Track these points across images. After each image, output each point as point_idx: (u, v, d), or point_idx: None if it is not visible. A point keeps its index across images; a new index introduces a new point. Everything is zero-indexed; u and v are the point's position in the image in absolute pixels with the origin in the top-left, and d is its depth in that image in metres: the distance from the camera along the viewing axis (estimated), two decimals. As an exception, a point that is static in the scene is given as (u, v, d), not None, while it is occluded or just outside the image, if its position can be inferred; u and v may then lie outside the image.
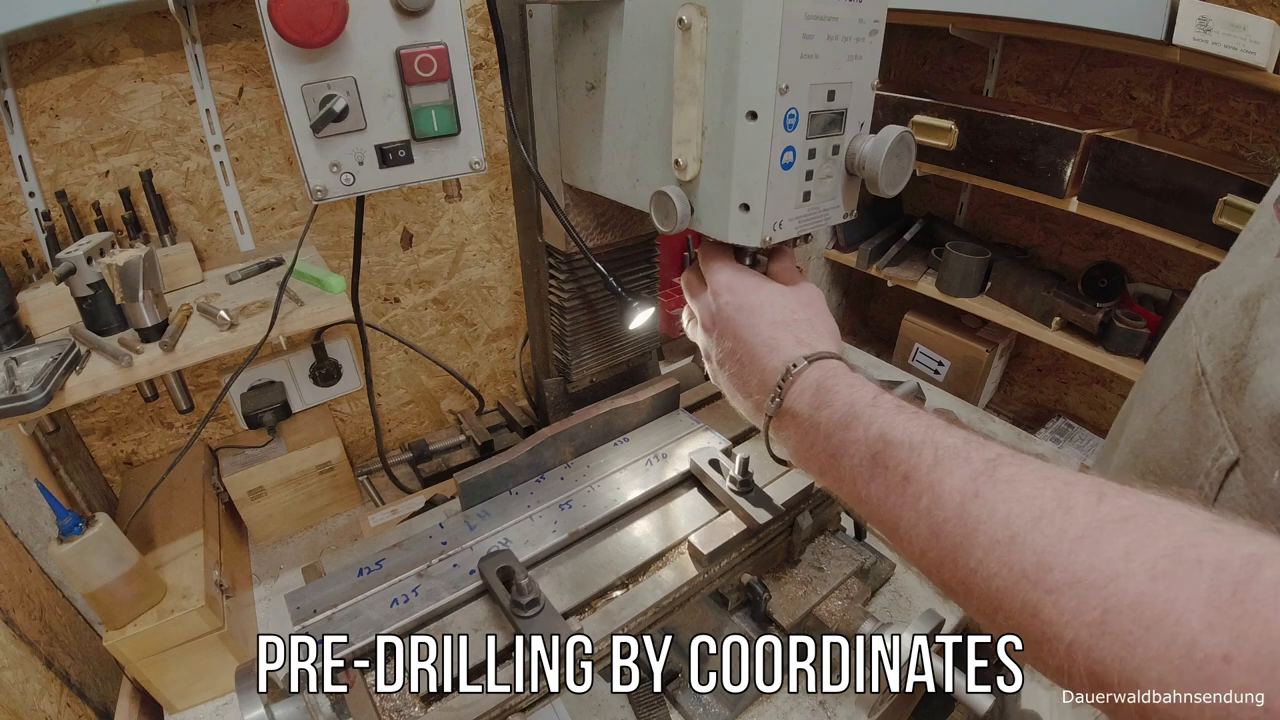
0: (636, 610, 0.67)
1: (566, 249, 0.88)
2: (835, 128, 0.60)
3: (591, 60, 0.69)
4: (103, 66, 0.94)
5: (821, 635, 0.83)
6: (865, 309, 2.26)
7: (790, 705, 0.90)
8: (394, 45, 0.65)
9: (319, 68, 0.63)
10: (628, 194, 0.71)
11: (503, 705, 0.58)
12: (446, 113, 0.69)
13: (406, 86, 0.67)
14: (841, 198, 0.64)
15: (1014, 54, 1.69)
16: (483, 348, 1.47)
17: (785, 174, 0.57)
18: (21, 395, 0.71)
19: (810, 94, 0.56)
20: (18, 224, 0.95)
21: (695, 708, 0.88)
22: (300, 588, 0.68)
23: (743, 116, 0.55)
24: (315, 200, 0.68)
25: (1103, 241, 1.68)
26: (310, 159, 0.66)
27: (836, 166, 0.62)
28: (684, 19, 0.56)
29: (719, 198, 0.59)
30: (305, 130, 0.64)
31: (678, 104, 0.59)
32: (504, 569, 0.66)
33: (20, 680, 0.85)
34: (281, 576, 1.12)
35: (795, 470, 0.84)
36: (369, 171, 0.69)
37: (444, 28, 0.67)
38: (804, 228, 0.61)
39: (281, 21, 0.59)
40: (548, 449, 0.84)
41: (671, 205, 0.61)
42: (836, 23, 0.55)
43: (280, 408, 1.17)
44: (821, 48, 0.55)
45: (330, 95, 0.64)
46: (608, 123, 0.70)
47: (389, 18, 0.64)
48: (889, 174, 0.60)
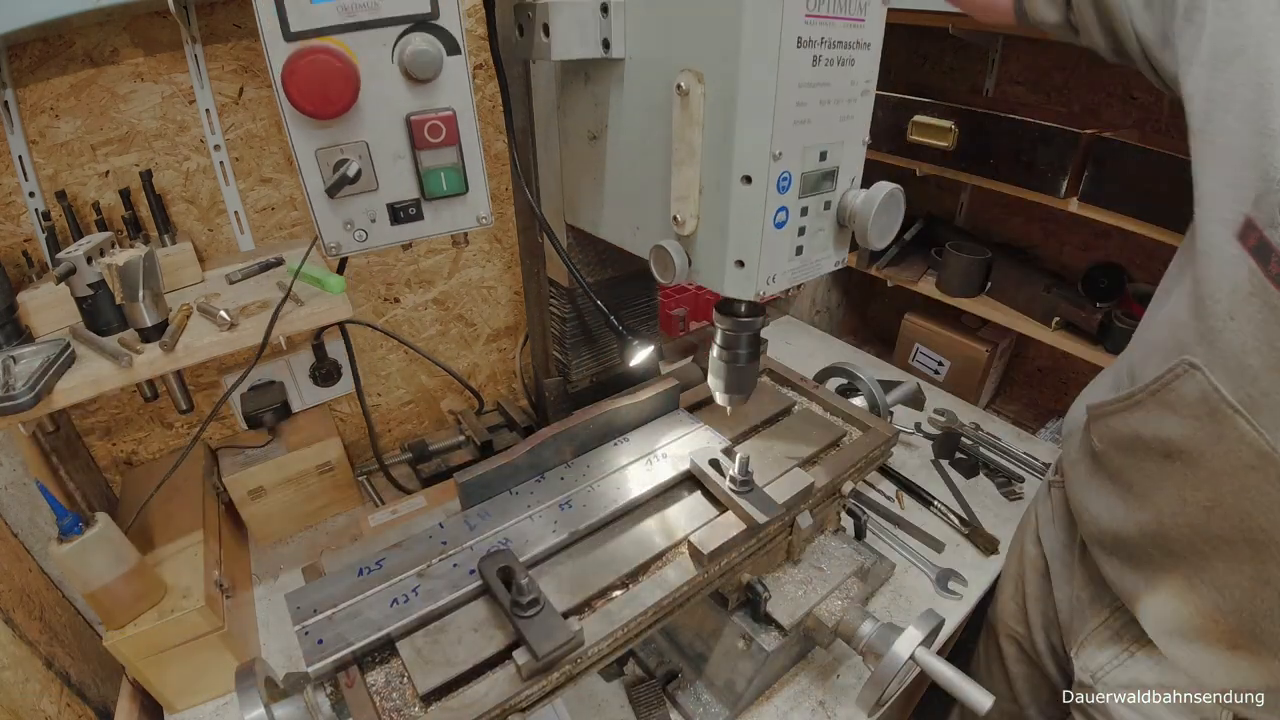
0: (637, 610, 0.67)
1: (569, 285, 0.89)
2: (828, 183, 0.62)
3: (593, 111, 0.71)
4: (103, 66, 0.94)
5: (821, 635, 0.83)
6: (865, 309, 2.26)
7: (790, 705, 0.90)
8: (404, 111, 0.67)
9: (332, 133, 0.65)
10: (628, 241, 0.74)
11: (502, 705, 0.58)
12: (455, 174, 0.72)
13: (417, 151, 0.69)
14: (833, 248, 0.66)
15: (1014, 54, 1.69)
16: (483, 348, 1.47)
17: (779, 232, 0.60)
18: (12, 395, 0.72)
19: (803, 156, 0.59)
20: (18, 224, 0.95)
21: (695, 708, 0.88)
22: (300, 587, 0.68)
23: (738, 180, 0.57)
24: (330, 255, 0.71)
25: (1103, 241, 1.68)
26: (324, 218, 0.69)
27: (828, 220, 0.64)
28: (682, 85, 0.58)
29: (715, 254, 0.62)
30: (320, 192, 0.67)
31: (676, 164, 0.62)
32: (504, 569, 0.66)
33: (20, 680, 0.85)
34: (281, 576, 1.12)
35: (795, 470, 0.84)
36: (381, 228, 0.72)
37: (452, 94, 0.69)
38: (796, 279, 0.64)
39: (297, 95, 0.61)
40: (548, 449, 0.84)
41: (670, 259, 0.64)
42: (828, 88, 0.58)
43: (280, 408, 1.17)
44: (814, 113, 0.58)
45: (344, 160, 0.66)
46: (609, 172, 0.73)
47: (399, 85, 0.66)
48: (879, 228, 0.62)
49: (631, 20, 0.63)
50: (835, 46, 0.57)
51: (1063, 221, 1.73)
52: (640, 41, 0.63)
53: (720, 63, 0.55)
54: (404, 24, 0.64)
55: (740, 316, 0.70)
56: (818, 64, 0.56)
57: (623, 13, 0.63)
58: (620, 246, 0.76)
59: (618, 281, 0.92)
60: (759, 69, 0.53)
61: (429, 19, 0.65)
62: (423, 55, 0.64)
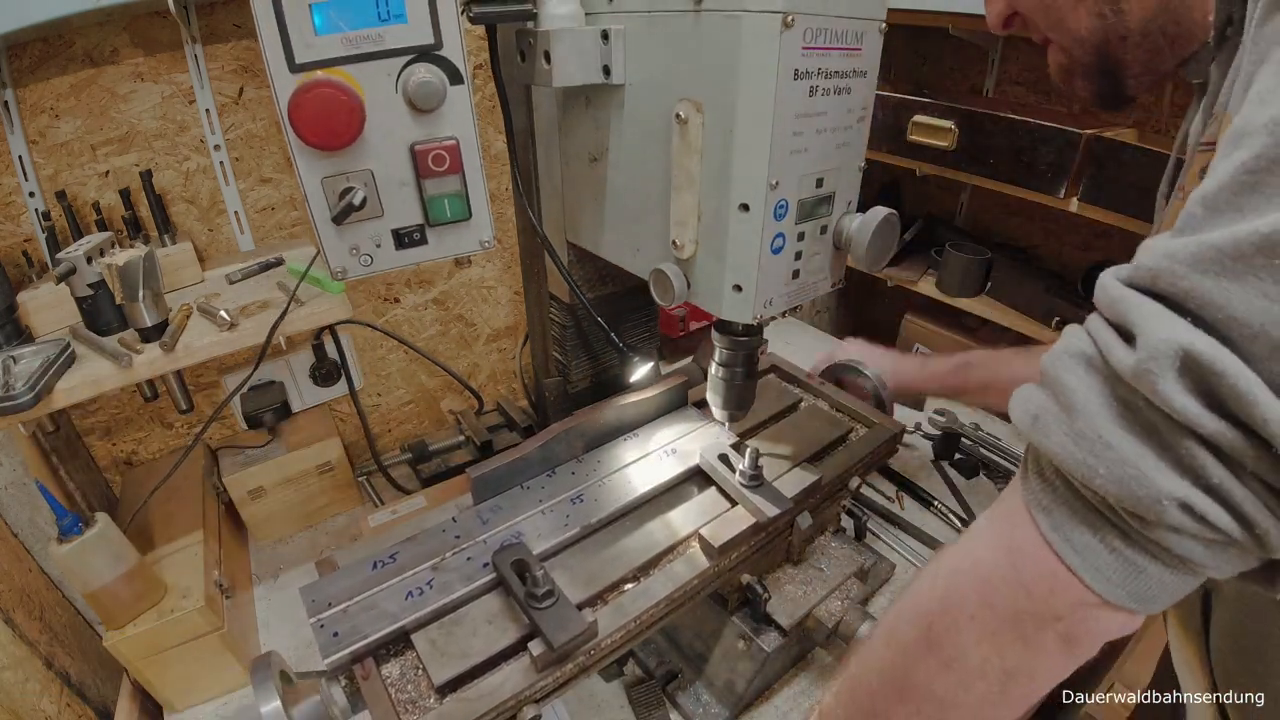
0: (649, 602, 0.67)
1: (570, 301, 0.90)
2: (824, 208, 0.63)
3: (594, 134, 0.72)
4: (103, 66, 0.94)
5: (821, 635, 0.83)
6: (865, 309, 2.26)
7: (790, 705, 0.90)
8: (408, 140, 0.68)
9: (338, 162, 0.66)
10: (629, 261, 0.75)
11: (517, 695, 0.59)
12: (459, 201, 0.73)
13: (421, 179, 0.70)
14: (829, 270, 0.67)
15: (1014, 54, 1.69)
16: (483, 348, 1.47)
17: (775, 257, 0.61)
18: (12, 395, 0.72)
19: (800, 184, 0.60)
20: (18, 224, 0.95)
21: (695, 708, 0.88)
22: (315, 580, 0.68)
23: (735, 207, 0.58)
24: (336, 279, 0.72)
25: (1103, 241, 1.68)
26: (330, 243, 0.70)
27: (825, 244, 0.65)
28: (681, 114, 0.59)
29: (714, 278, 0.63)
30: (326, 219, 0.68)
31: (675, 189, 0.62)
32: (518, 561, 0.66)
33: (20, 680, 0.85)
34: (281, 576, 1.12)
35: (803, 465, 0.84)
36: (386, 253, 0.73)
37: (455, 123, 0.70)
38: (793, 302, 0.65)
39: (303, 128, 0.62)
40: (559, 444, 0.84)
41: (669, 282, 0.65)
42: (825, 117, 0.59)
43: (280, 408, 1.17)
44: (811, 141, 0.59)
45: (349, 188, 0.67)
46: (609, 194, 0.74)
47: (403, 115, 0.67)
48: (874, 253, 0.64)
49: (632, 48, 0.64)
50: (832, 76, 0.57)
51: (1063, 221, 1.73)
52: (640, 69, 0.64)
53: (719, 94, 0.56)
54: (407, 55, 0.65)
55: (738, 335, 0.72)
56: (814, 94, 0.57)
57: (623, 40, 0.64)
58: (620, 266, 0.77)
59: (617, 296, 0.94)
60: (756, 101, 0.54)
61: (432, 50, 0.66)
62: (426, 86, 0.66)
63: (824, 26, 0.54)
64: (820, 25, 0.54)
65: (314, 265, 0.92)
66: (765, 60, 0.53)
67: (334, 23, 0.61)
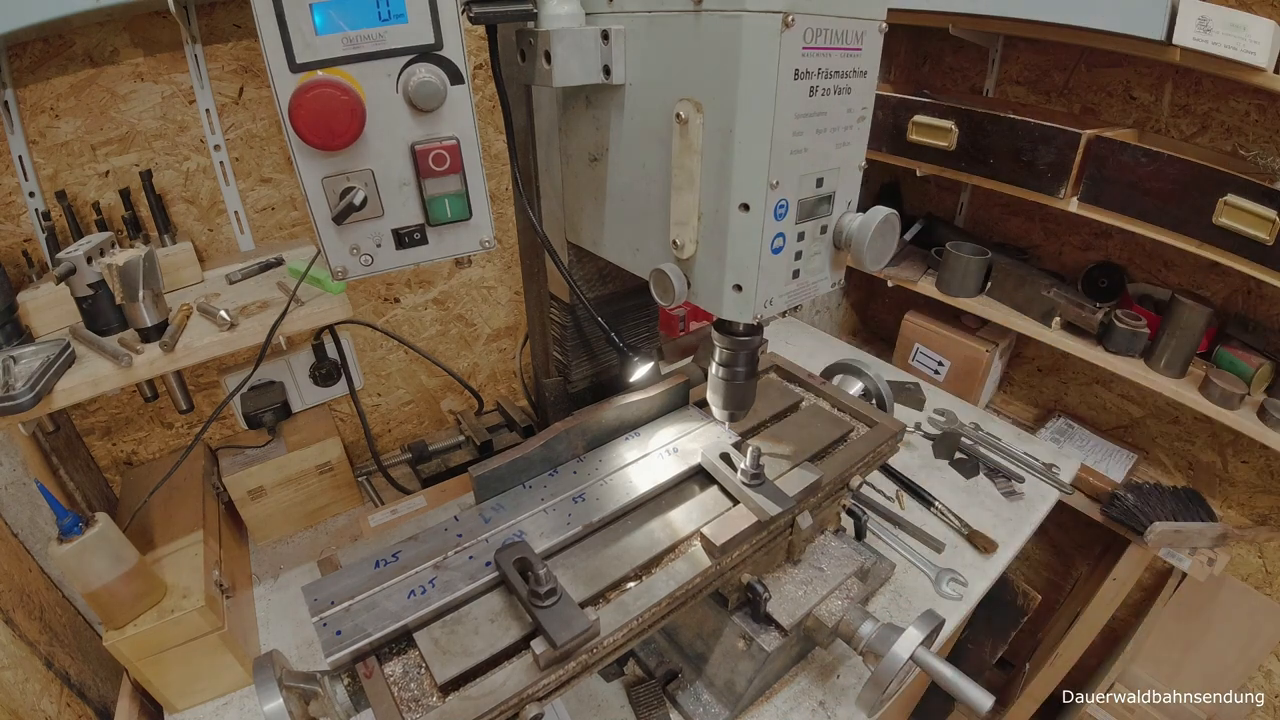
0: (651, 601, 0.67)
1: (570, 301, 0.91)
2: (824, 208, 0.63)
3: (594, 134, 0.72)
4: (103, 66, 0.94)
5: (821, 635, 0.83)
6: (865, 308, 2.26)
7: (790, 705, 0.90)
8: (409, 140, 0.68)
9: (338, 162, 0.66)
10: (629, 261, 0.75)
11: (520, 694, 0.59)
12: (459, 201, 0.73)
13: (421, 179, 0.70)
14: (829, 270, 0.67)
15: (1014, 54, 1.69)
16: (483, 348, 1.47)
17: (776, 257, 0.61)
18: (12, 395, 0.72)
19: (800, 184, 0.60)
20: (18, 224, 0.95)
21: (695, 708, 0.88)
22: (317, 579, 0.68)
23: (736, 207, 0.58)
24: (336, 279, 0.72)
25: (1103, 241, 1.68)
26: (331, 243, 0.70)
27: (825, 244, 0.65)
28: (681, 114, 0.59)
29: (714, 278, 0.63)
30: (326, 219, 0.68)
31: (675, 189, 0.63)
32: (521, 560, 0.66)
33: (20, 680, 0.85)
34: (281, 576, 1.12)
35: (804, 464, 0.84)
36: (386, 253, 0.73)
37: (456, 122, 0.70)
38: (793, 301, 0.65)
39: (304, 128, 0.62)
40: (561, 443, 0.84)
41: (669, 282, 0.65)
42: (825, 116, 0.59)
43: (280, 408, 1.17)
44: (810, 141, 0.59)
45: (350, 188, 0.67)
46: (610, 194, 0.74)
47: (404, 115, 0.67)
48: (874, 252, 0.64)
49: (632, 48, 0.64)
50: (832, 76, 0.57)
51: (1063, 221, 1.73)
52: (641, 68, 0.64)
53: (719, 94, 0.56)
54: (408, 55, 0.65)
55: (738, 335, 0.72)
56: (814, 94, 0.57)
57: (623, 40, 0.64)
58: (621, 266, 0.77)
59: (618, 297, 0.94)
60: (757, 101, 0.54)
61: (432, 49, 0.66)
62: (426, 86, 0.65)
63: (824, 26, 0.54)
64: (820, 25, 0.54)
65: (314, 265, 0.92)
66: (765, 60, 0.53)
67: (334, 22, 0.61)
